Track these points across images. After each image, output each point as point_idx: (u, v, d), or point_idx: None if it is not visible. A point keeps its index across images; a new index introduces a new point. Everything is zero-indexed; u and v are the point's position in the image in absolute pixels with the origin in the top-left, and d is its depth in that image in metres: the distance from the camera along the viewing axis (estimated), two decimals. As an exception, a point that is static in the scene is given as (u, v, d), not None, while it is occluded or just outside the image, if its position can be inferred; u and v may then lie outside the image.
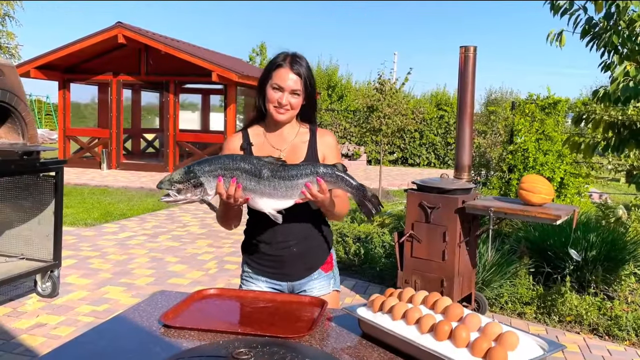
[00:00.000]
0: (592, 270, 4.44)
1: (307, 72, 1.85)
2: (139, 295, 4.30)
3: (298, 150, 1.92)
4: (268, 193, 1.63)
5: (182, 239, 6.28)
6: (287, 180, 1.62)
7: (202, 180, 1.61)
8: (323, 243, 1.98)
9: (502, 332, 1.44)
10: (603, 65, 3.98)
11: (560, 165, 7.14)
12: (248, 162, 1.61)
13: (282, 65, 1.83)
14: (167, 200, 1.69)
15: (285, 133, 1.94)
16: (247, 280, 2.01)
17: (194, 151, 13.24)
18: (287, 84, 1.82)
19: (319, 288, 1.98)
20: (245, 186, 1.62)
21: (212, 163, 1.62)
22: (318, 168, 1.65)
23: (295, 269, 1.95)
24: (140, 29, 12.56)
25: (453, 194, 3.62)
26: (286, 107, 1.84)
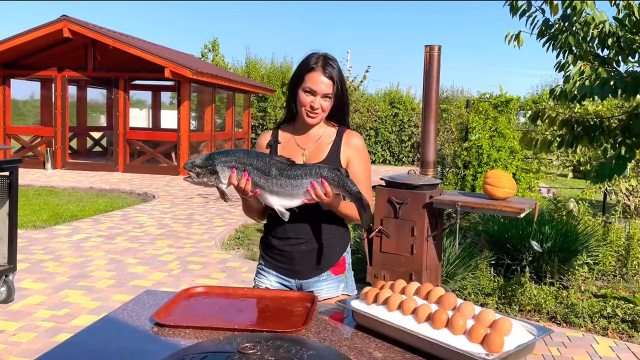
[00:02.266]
0: (548, 261, 4.66)
1: (338, 74, 1.87)
2: (100, 299, 4.15)
3: (321, 150, 1.93)
4: (275, 191, 1.70)
5: (141, 240, 6.11)
6: (292, 179, 1.69)
7: (217, 169, 1.71)
8: (335, 245, 1.97)
9: (496, 318, 1.49)
10: (558, 66, 4.17)
11: (512, 161, 7.42)
12: (260, 160, 1.70)
13: (315, 68, 1.85)
14: (189, 181, 1.78)
15: (312, 133, 1.96)
16: (260, 272, 2.04)
17: (145, 150, 12.89)
18: (320, 88, 1.84)
19: (327, 290, 1.97)
20: (255, 181, 1.70)
21: (229, 155, 1.73)
22: (322, 170, 1.72)
23: (304, 267, 1.95)
24: (87, 23, 12.10)
25: (421, 189, 3.68)
26: (317, 111, 1.86)
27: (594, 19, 3.67)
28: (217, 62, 20.17)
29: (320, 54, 1.90)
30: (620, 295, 4.30)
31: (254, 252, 5.84)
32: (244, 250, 6.02)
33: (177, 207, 8.41)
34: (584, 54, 3.94)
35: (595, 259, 4.87)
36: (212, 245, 5.98)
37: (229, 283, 4.65)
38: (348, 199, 1.78)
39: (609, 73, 3.58)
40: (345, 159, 1.93)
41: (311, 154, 1.92)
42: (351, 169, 1.93)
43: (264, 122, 18.16)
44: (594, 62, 3.82)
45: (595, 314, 3.95)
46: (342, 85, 1.91)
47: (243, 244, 6.31)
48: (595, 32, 3.79)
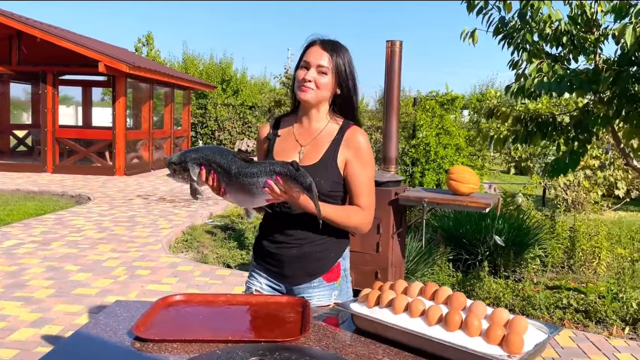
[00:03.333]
0: (502, 255, 4.75)
1: (342, 57, 1.73)
2: (40, 310, 3.79)
3: (319, 148, 1.76)
4: (235, 190, 1.63)
5: (80, 245, 5.69)
6: (249, 178, 1.61)
7: (187, 166, 1.66)
8: (329, 251, 1.82)
9: (510, 318, 1.42)
10: (512, 63, 4.25)
11: (458, 158, 7.59)
12: (223, 157, 1.63)
13: (314, 43, 1.73)
14: (169, 177, 1.74)
15: (313, 127, 1.79)
16: (252, 274, 1.91)
17: (77, 149, 12.16)
18: (313, 60, 1.70)
19: (318, 297, 1.82)
20: (220, 179, 1.63)
21: (198, 152, 1.67)
22: (275, 166, 1.60)
23: (294, 271, 1.81)
24: (12, 13, 11.22)
25: (386, 186, 3.65)
26: (310, 84, 1.70)
27: (550, 17, 3.76)
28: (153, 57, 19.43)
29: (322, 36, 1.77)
30: (572, 286, 4.45)
31: (204, 255, 5.59)
32: (193, 253, 5.75)
33: (116, 209, 7.95)
34: (537, 52, 4.03)
35: (545, 252, 5.02)
36: (159, 248, 5.67)
37: (183, 288, 4.40)
38: (305, 194, 1.59)
39: (564, 71, 3.68)
40: (343, 159, 1.74)
41: (308, 152, 1.76)
42: (349, 172, 1.74)
43: (204, 119, 17.67)
44: (547, 59, 3.91)
45: (551, 305, 4.06)
46: (349, 70, 1.74)
47: (192, 246, 6.04)
48: (550, 31, 3.88)
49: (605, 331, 3.75)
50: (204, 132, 17.81)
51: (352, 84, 1.77)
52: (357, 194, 1.75)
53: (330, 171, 1.72)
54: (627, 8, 3.40)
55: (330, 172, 1.73)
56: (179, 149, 15.17)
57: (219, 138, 17.44)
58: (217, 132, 17.52)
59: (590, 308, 3.97)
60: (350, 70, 1.76)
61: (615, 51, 3.66)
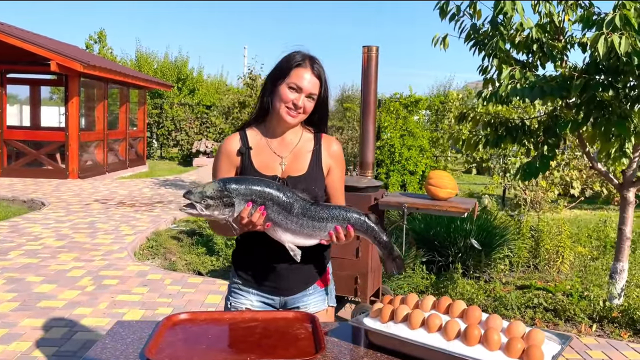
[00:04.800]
0: (472, 256, 4.86)
1: (325, 75, 1.75)
2: (6, 325, 3.59)
3: (301, 159, 1.78)
4: (292, 229, 1.59)
5: (40, 254, 5.43)
6: (316, 221, 1.59)
7: (234, 202, 1.53)
8: (321, 256, 1.84)
9: (526, 330, 1.45)
10: (481, 69, 4.35)
11: (422, 159, 7.71)
12: (283, 194, 1.57)
13: (302, 65, 1.70)
14: (189, 212, 1.55)
15: (288, 138, 1.80)
16: (236, 292, 1.83)
17: (26, 151, 11.60)
18: (306, 86, 1.70)
19: (314, 304, 1.84)
20: (272, 217, 1.56)
21: (249, 186, 1.55)
22: (351, 215, 1.61)
23: (290, 282, 1.80)
24: (-48, 7, 10.58)
25: (366, 191, 3.65)
26: (299, 110, 1.71)
27: (521, 25, 3.87)
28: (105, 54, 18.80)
29: (307, 52, 1.76)
30: (540, 286, 4.60)
31: (172, 262, 5.44)
32: (160, 260, 5.60)
33: (74, 214, 7.63)
34: (507, 58, 4.14)
35: (512, 252, 5.17)
36: (125, 256, 5.48)
37: (154, 297, 4.27)
38: (377, 247, 1.71)
39: (536, 77, 3.79)
40: (327, 167, 1.83)
41: (290, 163, 1.78)
42: (331, 179, 1.84)
43: (160, 119, 17.23)
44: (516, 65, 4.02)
45: (522, 305, 4.18)
46: (327, 89, 1.79)
47: (158, 252, 5.87)
48: (521, 38, 4.00)
49: (575, 329, 3.89)
50: (161, 133, 17.38)
51: (328, 100, 1.83)
52: (337, 197, 1.87)
53: (319, 180, 1.80)
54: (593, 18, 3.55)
55: (319, 181, 1.80)
56: (135, 150, 14.74)
57: (176, 138, 17.05)
58: (174, 132, 17.13)
59: (558, 307, 4.11)
60: (327, 86, 1.79)
61: (583, 59, 3.81)
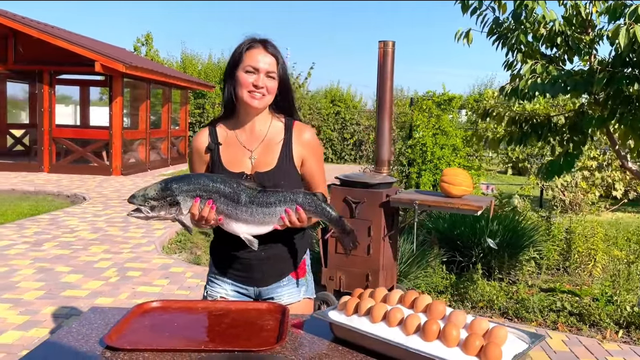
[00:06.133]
0: (497, 257, 4.71)
1: (281, 57, 1.71)
2: (29, 312, 3.76)
3: (271, 150, 1.74)
4: (244, 219, 1.58)
5: (73, 246, 5.66)
6: (264, 207, 1.57)
7: (178, 200, 1.53)
8: (295, 248, 1.83)
9: (489, 327, 1.39)
10: (506, 64, 4.21)
11: (455, 158, 7.54)
12: (228, 186, 1.56)
13: (255, 46, 1.68)
14: (136, 216, 1.57)
15: (257, 129, 1.76)
16: (213, 281, 1.85)
17: (74, 149, 12.12)
18: (262, 65, 1.67)
19: (288, 295, 1.84)
20: (221, 210, 1.56)
21: (191, 182, 1.55)
22: (297, 197, 1.60)
23: (263, 273, 1.80)
24: (6, 12, 11.18)
25: (377, 188, 3.61)
26: (262, 91, 1.67)
27: (544, 18, 3.72)
28: (151, 56, 19.39)
29: (257, 36, 1.72)
30: (566, 289, 4.41)
31: (197, 256, 5.55)
32: (186, 254, 5.72)
33: (111, 209, 7.91)
34: (532, 52, 3.99)
35: (540, 254, 4.98)
36: (152, 249, 5.63)
37: (173, 290, 4.37)
38: (329, 224, 1.69)
39: (558, 71, 3.64)
40: (299, 158, 1.77)
41: (260, 157, 1.74)
42: (307, 169, 1.80)
43: (201, 119, 17.62)
44: (542, 60, 3.87)
45: (545, 308, 4.02)
46: (285, 68, 1.75)
47: (185, 247, 6.00)
48: (544, 31, 3.84)
49: (599, 334, 3.71)
50: (202, 132, 17.74)
51: (289, 82, 1.79)
52: (317, 184, 1.83)
53: (290, 173, 1.76)
54: (622, 9, 3.37)
55: (290, 174, 1.76)
56: (177, 149, 15.13)
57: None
58: (215, 131, 17.44)
59: (584, 311, 3.93)
60: (286, 69, 1.76)
61: (609, 52, 3.62)
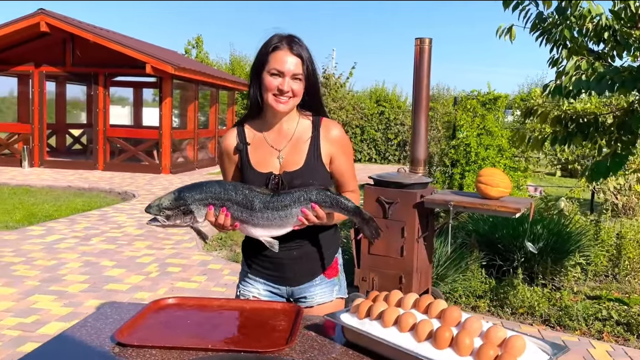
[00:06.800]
0: (540, 262, 4.53)
1: (307, 54, 1.68)
2: (72, 304, 3.92)
3: (299, 149, 1.72)
4: (261, 224, 1.59)
5: (118, 241, 5.86)
6: (280, 211, 1.57)
7: (192, 208, 1.56)
8: (327, 247, 1.81)
9: (507, 336, 1.32)
10: (551, 61, 4.03)
11: (500, 159, 7.31)
12: (239, 193, 1.57)
13: (280, 47, 1.64)
14: (154, 225, 1.63)
15: (285, 128, 1.74)
16: (245, 281, 1.86)
17: (126, 148, 12.57)
18: (287, 68, 1.63)
19: (320, 295, 1.82)
20: (236, 216, 1.58)
21: (203, 191, 1.57)
22: (311, 194, 1.59)
23: (295, 273, 1.79)
24: (65, 17, 11.73)
25: (411, 188, 3.54)
26: (288, 95, 1.65)
27: (589, 12, 3.54)
28: (201, 58, 19.86)
29: (284, 33, 1.69)
30: (614, 297, 4.18)
31: (236, 254, 5.63)
32: (226, 252, 5.81)
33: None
34: (578, 48, 3.80)
35: (587, 259, 4.75)
36: (193, 246, 5.75)
37: (210, 286, 4.44)
38: (347, 217, 1.66)
39: (605, 68, 3.45)
40: (327, 155, 1.74)
41: (288, 156, 1.72)
42: (336, 167, 1.77)
43: (248, 119, 17.90)
44: (589, 56, 3.69)
45: (590, 316, 3.83)
46: (313, 66, 1.70)
47: (226, 244, 6.10)
48: (591, 26, 3.66)
49: (648, 347, 3.49)
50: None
51: (317, 80, 1.75)
52: (347, 182, 1.80)
53: (318, 171, 1.74)
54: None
55: (318, 172, 1.74)
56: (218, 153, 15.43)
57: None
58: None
59: (632, 321, 3.72)
60: (313, 65, 1.71)
61: (662, 47, 3.40)
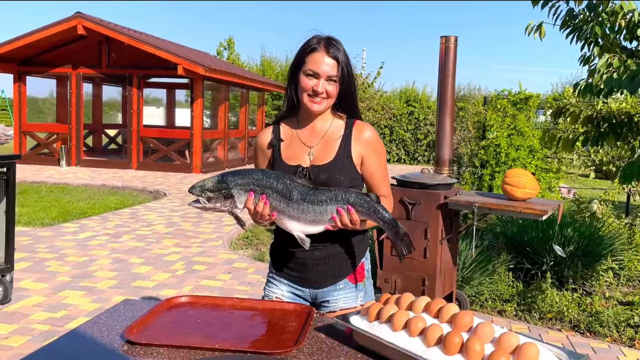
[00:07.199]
0: (570, 266, 4.40)
1: (344, 57, 1.68)
2: (100, 300, 4.01)
3: (329, 146, 1.73)
4: (296, 216, 1.57)
5: (147, 239, 5.98)
6: (316, 205, 1.55)
7: (233, 192, 1.57)
8: (352, 251, 1.79)
9: (520, 343, 1.28)
10: (583, 59, 3.91)
11: (531, 160, 7.13)
12: (281, 182, 1.56)
13: (317, 48, 1.66)
14: (195, 206, 1.62)
15: (317, 127, 1.76)
16: (271, 281, 1.87)
17: (159, 147, 12.81)
18: (323, 69, 1.65)
19: (344, 300, 1.79)
20: (274, 206, 1.57)
21: (246, 177, 1.57)
22: (350, 196, 1.56)
23: (318, 275, 1.78)
24: (101, 20, 12.04)
25: (435, 189, 3.48)
26: (322, 96, 1.67)
27: (622, 8, 3.41)
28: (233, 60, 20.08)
29: (323, 35, 1.70)
30: (649, 304, 4.03)
31: (262, 253, 5.66)
32: (252, 251, 5.85)
33: (187, 205, 8.28)
34: (610, 45, 3.68)
35: (620, 264, 4.59)
36: (219, 244, 5.82)
37: (234, 285, 4.48)
38: (382, 227, 1.62)
39: (638, 65, 3.32)
40: (358, 155, 1.74)
41: (318, 153, 1.73)
42: (367, 168, 1.75)
43: (278, 120, 18.03)
44: (621, 54, 3.56)
45: (621, 323, 3.70)
46: (349, 69, 1.71)
47: (252, 243, 6.15)
48: (623, 23, 3.53)
49: (684, 356, 3.35)
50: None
51: (353, 81, 1.74)
52: (378, 185, 1.78)
53: (346, 169, 1.73)
54: None
55: (346, 170, 1.73)
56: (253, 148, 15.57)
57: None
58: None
59: (667, 329, 3.57)
60: (350, 68, 1.71)
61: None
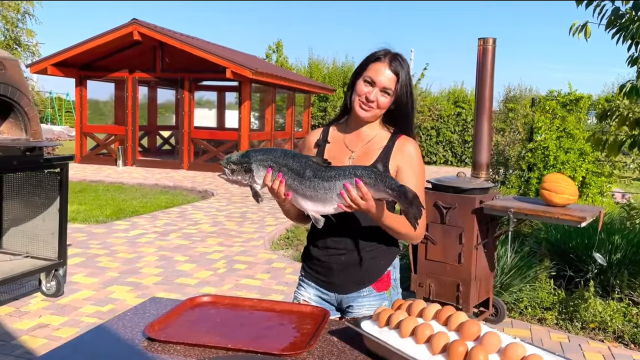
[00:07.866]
0: (617, 274, 4.22)
1: (405, 75, 1.71)
2: (144, 296, 4.20)
3: (370, 154, 1.76)
4: (308, 194, 1.57)
5: (193, 237, 6.19)
6: (325, 181, 1.54)
7: (252, 167, 1.61)
8: (379, 258, 1.80)
9: (526, 354, 1.27)
10: (630, 59, 3.77)
11: (582, 164, 6.88)
12: (296, 160, 1.58)
13: (381, 59, 1.70)
14: (222, 177, 1.68)
15: (363, 133, 1.80)
16: (301, 284, 1.93)
17: (208, 149, 13.17)
18: (380, 79, 1.69)
19: (368, 307, 1.81)
20: (289, 184, 1.58)
21: (266, 153, 1.61)
22: (357, 170, 1.55)
23: (343, 280, 1.81)
24: (155, 26, 12.52)
25: (470, 193, 3.44)
26: (372, 105, 1.71)
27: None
28: (281, 62, 20.33)
29: (392, 49, 1.74)
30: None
31: (300, 253, 5.73)
32: (292, 251, 5.95)
33: (233, 205, 8.49)
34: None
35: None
36: (260, 244, 5.95)
37: (272, 284, 4.57)
38: (391, 197, 1.54)
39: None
40: (395, 166, 1.73)
41: (358, 157, 1.76)
42: (401, 180, 1.71)
43: (324, 121, 18.13)
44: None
45: (669, 336, 3.52)
46: (409, 88, 1.73)
47: (292, 244, 6.24)
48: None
49: None
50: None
51: (410, 101, 1.75)
52: None
53: None
54: None
55: None
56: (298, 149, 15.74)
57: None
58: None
59: None
60: (409, 87, 1.72)
61: None
